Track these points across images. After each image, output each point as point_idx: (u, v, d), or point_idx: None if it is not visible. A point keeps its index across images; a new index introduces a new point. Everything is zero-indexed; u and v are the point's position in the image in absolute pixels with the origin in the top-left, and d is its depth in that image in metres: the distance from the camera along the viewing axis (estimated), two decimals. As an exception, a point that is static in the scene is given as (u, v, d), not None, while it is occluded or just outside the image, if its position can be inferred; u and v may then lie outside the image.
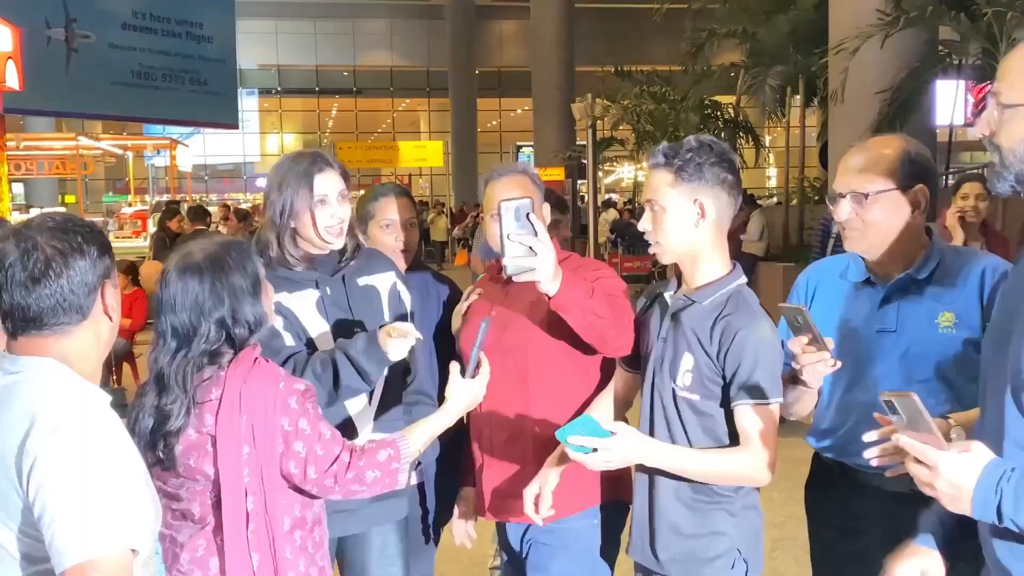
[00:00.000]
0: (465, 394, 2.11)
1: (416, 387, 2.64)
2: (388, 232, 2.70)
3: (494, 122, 33.93)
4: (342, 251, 2.39)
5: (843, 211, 2.03)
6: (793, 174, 15.01)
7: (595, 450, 1.89)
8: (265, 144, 34.69)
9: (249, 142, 32.57)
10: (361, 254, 2.45)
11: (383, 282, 2.45)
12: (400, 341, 2.18)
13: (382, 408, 2.40)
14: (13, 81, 6.24)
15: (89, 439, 1.46)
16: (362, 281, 2.42)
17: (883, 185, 2.00)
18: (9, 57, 6.01)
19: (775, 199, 19.89)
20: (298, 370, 2.20)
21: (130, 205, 15.80)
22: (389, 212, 2.70)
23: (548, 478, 2.17)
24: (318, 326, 2.31)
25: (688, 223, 2.00)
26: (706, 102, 15.28)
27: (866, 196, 2.00)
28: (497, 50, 31.27)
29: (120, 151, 16.09)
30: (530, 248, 1.88)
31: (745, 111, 15.23)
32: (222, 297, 1.95)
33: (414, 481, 2.67)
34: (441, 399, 2.22)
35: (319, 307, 2.33)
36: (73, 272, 1.54)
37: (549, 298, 1.98)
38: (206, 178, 31.59)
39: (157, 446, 1.94)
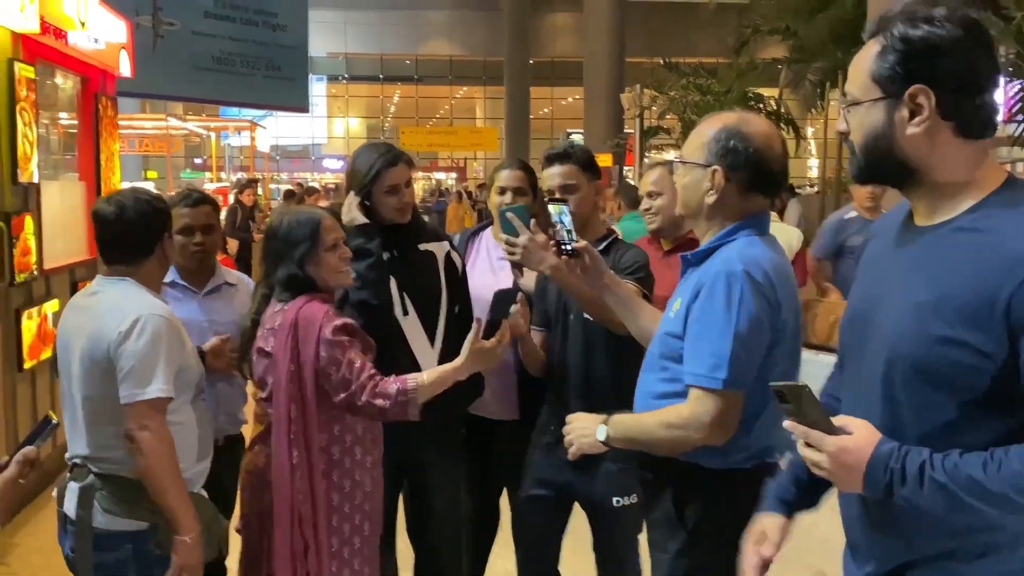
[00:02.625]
0: (480, 356, 2.36)
1: None
2: (499, 195, 3.01)
3: (546, 109, 34.44)
4: (408, 222, 2.83)
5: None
6: (831, 165, 15.36)
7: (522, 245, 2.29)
8: (332, 127, 35.71)
9: (317, 125, 33.52)
10: (423, 225, 2.93)
11: (439, 249, 2.89)
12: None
13: (445, 353, 2.74)
14: (126, 69, 6.74)
15: (150, 326, 2.23)
16: (422, 247, 2.85)
17: (688, 156, 1.99)
18: (123, 47, 6.69)
19: (815, 188, 20.04)
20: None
21: (211, 181, 16.69)
22: (501, 180, 3.03)
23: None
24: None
25: (590, 198, 2.78)
26: (749, 94, 15.42)
27: (676, 164, 2.06)
28: (551, 41, 31.73)
29: (204, 131, 17.06)
30: None
31: (787, 103, 15.50)
32: (282, 254, 2.40)
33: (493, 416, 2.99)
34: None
35: (390, 263, 2.76)
36: (141, 227, 2.33)
37: None
38: (277, 158, 32.32)
39: (244, 360, 2.54)
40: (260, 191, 13.95)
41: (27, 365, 4.66)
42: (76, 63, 5.69)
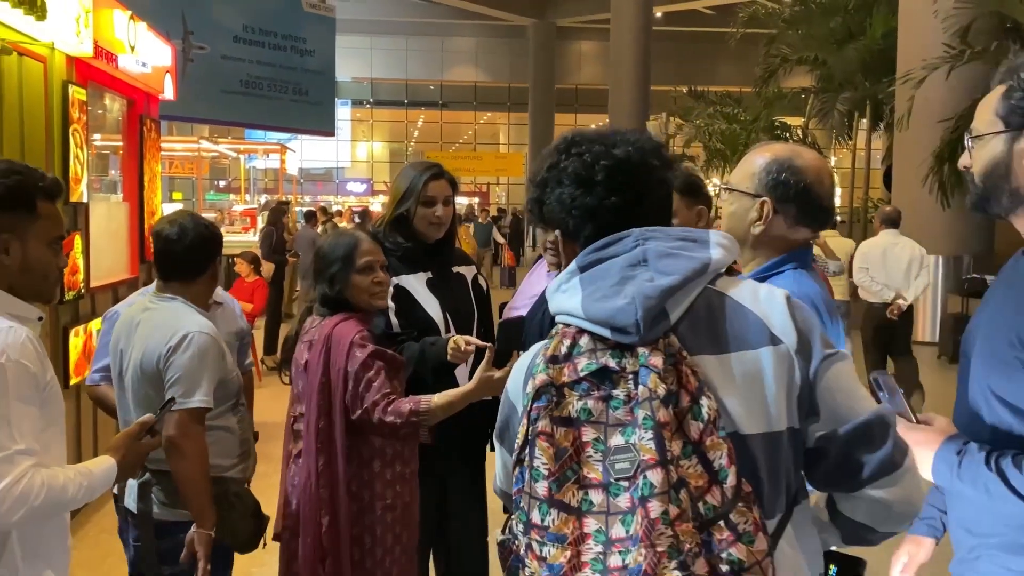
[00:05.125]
0: (487, 384, 2.44)
1: None
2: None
3: (569, 136, 34.68)
4: (440, 244, 2.95)
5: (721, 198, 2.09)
6: (858, 195, 15.35)
7: None
8: (355, 151, 36.01)
9: (342, 148, 33.82)
10: (455, 250, 3.06)
11: (468, 272, 3.07)
12: (458, 354, 2.63)
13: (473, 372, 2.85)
14: (169, 92, 6.91)
15: (196, 342, 2.45)
16: (455, 269, 3.02)
17: (737, 185, 1.98)
18: (168, 71, 6.80)
19: (839, 218, 20.02)
20: (405, 352, 2.71)
21: (238, 204, 16.81)
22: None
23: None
24: (429, 299, 2.88)
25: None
26: (776, 123, 15.59)
27: (723, 191, 2.04)
28: (575, 68, 32.02)
29: (234, 154, 17.26)
30: None
31: (813, 133, 15.54)
32: (320, 272, 2.56)
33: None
34: None
35: (429, 285, 2.90)
36: (198, 250, 2.55)
37: None
38: (301, 181, 32.90)
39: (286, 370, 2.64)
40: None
41: (73, 382, 4.69)
42: (124, 86, 5.77)
